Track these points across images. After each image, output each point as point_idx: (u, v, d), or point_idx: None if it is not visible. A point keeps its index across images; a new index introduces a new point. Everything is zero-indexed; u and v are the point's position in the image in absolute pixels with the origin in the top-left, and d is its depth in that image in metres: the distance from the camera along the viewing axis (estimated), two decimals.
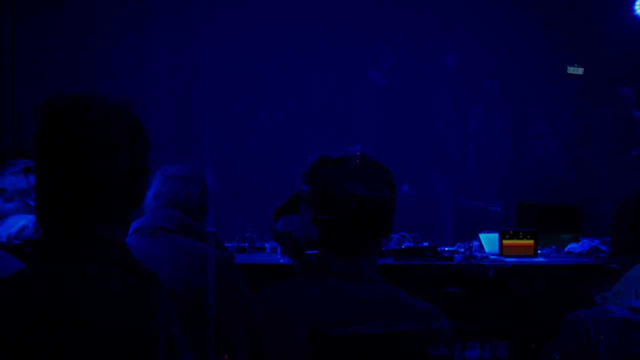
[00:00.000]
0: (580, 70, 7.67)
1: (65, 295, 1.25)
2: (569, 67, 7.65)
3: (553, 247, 5.21)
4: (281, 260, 4.51)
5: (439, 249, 4.99)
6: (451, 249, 5.03)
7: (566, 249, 5.16)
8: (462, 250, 4.98)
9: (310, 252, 1.68)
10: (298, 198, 1.83)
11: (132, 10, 6.81)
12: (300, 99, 7.75)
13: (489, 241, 5.09)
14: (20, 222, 2.30)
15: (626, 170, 7.47)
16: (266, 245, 4.79)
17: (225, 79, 7.20)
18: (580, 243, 5.15)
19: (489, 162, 7.91)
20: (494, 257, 4.90)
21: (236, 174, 6.94)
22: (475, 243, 5.09)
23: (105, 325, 1.22)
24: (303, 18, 7.31)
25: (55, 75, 6.39)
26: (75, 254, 1.30)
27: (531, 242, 4.99)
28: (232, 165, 6.91)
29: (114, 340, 1.22)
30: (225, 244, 4.29)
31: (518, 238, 5.00)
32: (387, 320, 1.66)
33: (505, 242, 4.97)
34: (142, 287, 1.29)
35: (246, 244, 4.75)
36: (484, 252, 5.02)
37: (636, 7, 7.36)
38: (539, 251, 5.03)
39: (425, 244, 5.03)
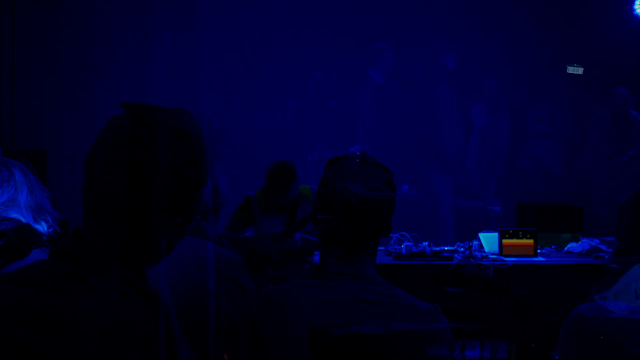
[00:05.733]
0: (580, 70, 7.67)
1: (49, 297, 1.24)
2: (569, 67, 7.65)
3: (553, 247, 5.21)
4: None
5: (438, 248, 4.99)
6: (451, 248, 5.04)
7: (566, 249, 5.16)
8: (462, 250, 4.98)
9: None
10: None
11: (132, 11, 6.81)
12: (301, 98, 7.75)
13: (489, 241, 5.09)
14: None
15: (622, 171, 7.47)
16: None
17: (225, 79, 7.21)
18: (580, 243, 5.15)
19: (488, 162, 7.92)
20: (494, 257, 4.90)
21: (235, 174, 6.95)
22: (475, 243, 5.10)
23: (100, 329, 1.21)
24: (303, 18, 7.31)
25: (55, 75, 6.39)
26: (81, 259, 1.29)
27: (531, 241, 5.00)
28: (232, 165, 6.92)
29: (108, 345, 1.21)
30: None
31: (518, 238, 5.00)
32: (388, 320, 1.66)
33: (505, 241, 4.97)
34: (138, 304, 1.27)
35: None
36: (484, 252, 5.02)
37: (636, 7, 7.36)
38: (538, 251, 5.03)
39: (425, 243, 5.04)
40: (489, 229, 5.43)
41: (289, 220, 4.39)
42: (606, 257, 4.85)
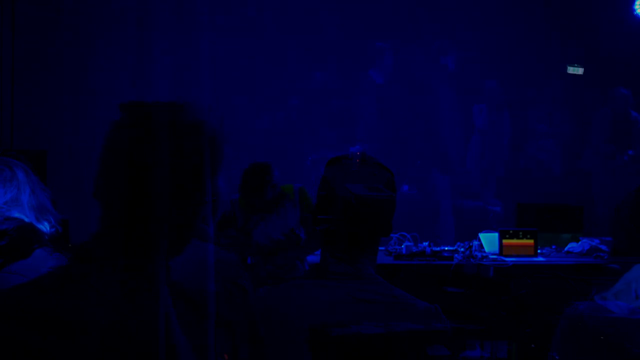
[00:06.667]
0: (580, 70, 7.67)
1: (58, 297, 1.25)
2: (569, 67, 7.65)
3: (553, 247, 5.21)
4: None
5: (438, 248, 5.00)
6: (451, 248, 5.04)
7: (566, 249, 5.16)
8: (462, 250, 4.98)
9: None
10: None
11: (132, 10, 6.81)
12: (300, 98, 7.74)
13: (489, 241, 5.09)
14: None
15: (623, 171, 7.47)
16: None
17: (225, 79, 7.20)
18: (580, 243, 5.15)
19: (488, 162, 7.92)
20: (494, 256, 4.90)
21: (235, 174, 6.94)
22: (475, 243, 5.10)
23: (100, 329, 1.21)
24: (303, 18, 7.31)
25: (55, 75, 6.39)
26: (88, 257, 1.30)
27: (531, 241, 5.00)
28: (231, 166, 6.91)
29: (109, 345, 1.21)
30: None
31: (518, 238, 5.00)
32: (388, 320, 1.66)
33: (505, 241, 4.97)
34: (138, 304, 1.28)
35: None
36: (484, 251, 5.02)
37: (636, 7, 7.36)
38: (539, 251, 5.03)
39: (425, 243, 5.04)
40: (489, 229, 5.43)
41: (270, 221, 4.41)
42: (606, 257, 4.85)
